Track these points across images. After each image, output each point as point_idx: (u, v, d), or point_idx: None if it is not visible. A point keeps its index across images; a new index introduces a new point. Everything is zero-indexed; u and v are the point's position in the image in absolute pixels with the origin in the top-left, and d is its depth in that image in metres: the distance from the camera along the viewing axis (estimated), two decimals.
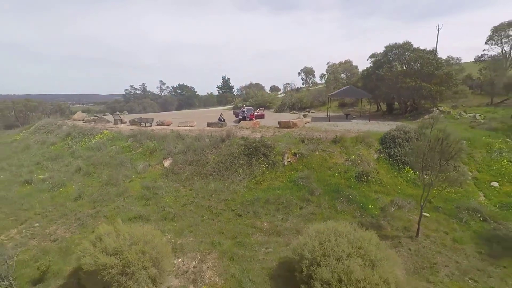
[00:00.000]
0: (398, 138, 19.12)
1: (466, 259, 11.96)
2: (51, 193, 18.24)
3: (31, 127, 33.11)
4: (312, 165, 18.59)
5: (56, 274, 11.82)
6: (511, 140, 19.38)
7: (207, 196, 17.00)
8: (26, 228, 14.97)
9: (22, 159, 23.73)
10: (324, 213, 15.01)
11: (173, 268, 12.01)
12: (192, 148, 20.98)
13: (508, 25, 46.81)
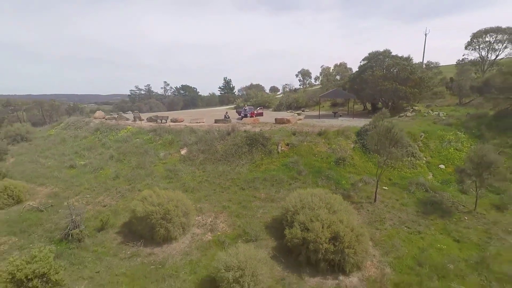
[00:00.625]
0: (369, 131, 23.56)
1: (406, 215, 16.46)
2: (94, 174, 22.83)
3: (60, 124, 37.68)
4: (300, 152, 23.07)
5: (112, 225, 16.37)
6: (461, 133, 23.85)
7: (217, 176, 21.51)
8: (81, 198, 19.52)
9: (62, 150, 28.31)
10: (307, 187, 19.45)
11: (195, 222, 16.55)
12: (203, 140, 25.50)
13: (485, 32, 51.22)
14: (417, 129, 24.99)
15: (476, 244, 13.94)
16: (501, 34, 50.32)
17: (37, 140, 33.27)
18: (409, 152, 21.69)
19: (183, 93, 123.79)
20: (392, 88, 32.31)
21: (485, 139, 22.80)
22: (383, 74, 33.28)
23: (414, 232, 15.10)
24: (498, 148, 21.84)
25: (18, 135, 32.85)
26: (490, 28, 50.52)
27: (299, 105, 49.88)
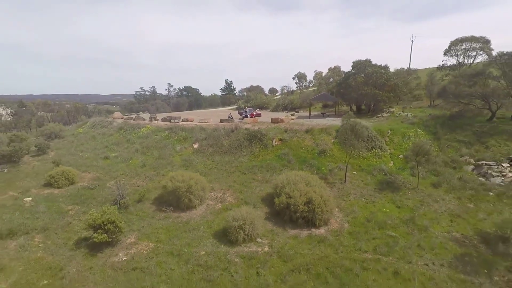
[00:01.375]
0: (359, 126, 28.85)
1: (366, 191, 21.84)
2: (125, 164, 28.25)
3: (86, 123, 43.16)
4: (290, 146, 28.43)
5: (147, 198, 21.79)
6: (420, 130, 29.19)
7: (223, 164, 26.91)
8: (118, 181, 24.92)
9: (93, 145, 33.76)
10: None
11: (209, 196, 21.94)
12: (212, 136, 30.89)
13: (461, 40, 56.49)
14: (386, 127, 30.33)
15: (411, 209, 19.32)
16: (475, 43, 55.67)
17: (68, 137, 38.74)
18: (377, 145, 27.04)
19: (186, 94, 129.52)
20: (371, 93, 37.62)
21: (439, 136, 28.20)
22: (364, 81, 38.55)
23: (369, 201, 20.49)
24: (447, 142, 27.27)
25: (52, 133, 38.28)
26: (465, 37, 55.79)
27: (294, 106, 55.18)
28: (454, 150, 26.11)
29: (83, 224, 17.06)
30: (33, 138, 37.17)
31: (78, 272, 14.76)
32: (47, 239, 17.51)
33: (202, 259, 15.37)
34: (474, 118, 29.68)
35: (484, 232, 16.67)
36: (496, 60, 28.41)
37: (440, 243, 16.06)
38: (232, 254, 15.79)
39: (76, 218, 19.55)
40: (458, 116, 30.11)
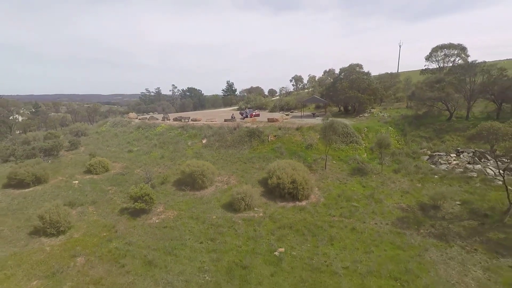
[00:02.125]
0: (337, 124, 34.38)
1: (341, 175, 27.40)
2: (146, 156, 33.90)
3: (106, 122, 48.86)
4: (283, 141, 34.00)
5: (168, 181, 27.41)
6: (391, 128, 34.74)
7: (228, 156, 32.52)
8: (146, 167, 30.55)
9: (117, 141, 39.44)
10: None
11: (217, 180, 27.54)
12: (218, 133, 36.50)
13: (441, 47, 61.95)
14: (364, 125, 35.90)
15: (373, 188, 24.91)
16: (453, 49, 61.13)
17: (93, 135, 44.44)
18: (354, 140, 32.61)
19: (189, 94, 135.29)
20: (355, 96, 43.11)
21: (406, 132, 33.76)
22: (349, 85, 44.04)
23: (342, 183, 26.09)
24: (412, 137, 32.82)
25: (79, 131, 43.96)
26: (444, 44, 61.25)
27: (289, 107, 60.67)
28: (416, 144, 31.66)
29: (125, 197, 22.73)
30: (62, 136, 42.79)
31: (125, 228, 20.44)
32: (98, 209, 23.21)
33: (214, 221, 21.03)
34: (436, 118, 35.19)
35: (422, 202, 22.26)
36: (452, 70, 33.83)
37: (389, 210, 21.68)
38: (236, 218, 21.43)
39: (115, 195, 25.24)
40: (424, 116, 35.66)
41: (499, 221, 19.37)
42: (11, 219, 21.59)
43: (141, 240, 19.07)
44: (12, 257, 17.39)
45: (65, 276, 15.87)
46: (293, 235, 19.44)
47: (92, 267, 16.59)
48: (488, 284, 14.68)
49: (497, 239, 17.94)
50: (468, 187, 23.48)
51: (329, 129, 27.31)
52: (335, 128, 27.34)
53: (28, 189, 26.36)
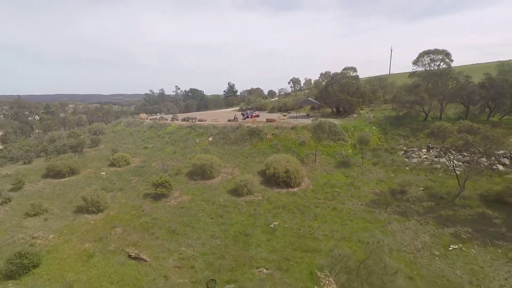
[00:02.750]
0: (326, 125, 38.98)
1: (328, 168, 32.04)
2: (160, 151, 38.56)
3: (120, 122, 53.49)
4: (279, 138, 38.60)
5: (181, 173, 32.07)
6: (375, 127, 39.33)
7: (231, 152, 37.15)
8: (159, 162, 35.21)
9: (132, 139, 44.08)
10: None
11: (223, 171, 32.20)
12: (222, 132, 41.12)
13: (427, 53, 66.26)
14: (351, 124, 40.51)
15: (353, 177, 29.52)
16: (438, 55, 65.56)
17: (109, 134, 49.11)
18: (341, 138, 37.22)
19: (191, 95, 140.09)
20: (345, 98, 47.71)
21: (386, 131, 38.36)
22: (340, 89, 48.64)
23: (328, 173, 30.73)
24: (391, 135, 37.40)
25: (97, 130, 48.62)
26: (430, 50, 65.20)
27: (287, 108, 65.24)
28: (395, 141, 36.25)
29: (147, 185, 27.42)
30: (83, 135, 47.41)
31: (150, 208, 25.12)
32: (125, 194, 27.90)
33: (221, 203, 25.70)
34: (414, 118, 39.77)
35: (393, 188, 26.89)
36: (427, 77, 38.44)
37: (364, 195, 26.32)
38: (239, 200, 26.09)
39: (138, 184, 29.91)
40: (404, 116, 40.26)
41: (451, 202, 24.02)
42: (57, 201, 26.29)
43: (164, 217, 23.77)
44: (66, 227, 22.10)
45: (109, 240, 20.57)
46: (285, 213, 24.11)
47: (129, 235, 21.29)
48: (430, 245, 19.37)
49: (447, 215, 22.59)
50: (432, 176, 28.13)
51: (318, 128, 31.96)
52: (323, 128, 31.99)
53: (64, 178, 31.06)
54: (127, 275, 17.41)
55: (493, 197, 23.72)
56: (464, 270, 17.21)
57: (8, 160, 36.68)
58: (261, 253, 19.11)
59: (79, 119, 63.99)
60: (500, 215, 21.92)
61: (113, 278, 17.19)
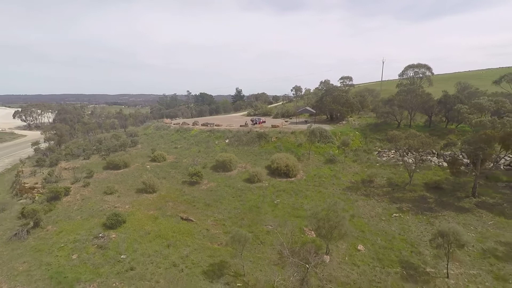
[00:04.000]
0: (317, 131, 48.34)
1: (318, 164, 41.40)
2: (188, 151, 48.30)
3: (150, 126, 63.41)
4: (282, 141, 48.02)
5: (206, 167, 41.72)
6: (358, 132, 48.47)
7: (244, 151, 46.71)
8: (189, 159, 44.87)
9: (163, 141, 53.91)
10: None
11: (238, 166, 41.77)
12: (236, 135, 50.69)
13: (411, 66, 75.30)
14: (339, 130, 49.72)
15: (336, 170, 38.83)
16: (421, 68, 74.44)
17: (142, 136, 59.04)
18: (330, 141, 46.44)
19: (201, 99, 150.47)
20: (336, 108, 56.95)
21: (366, 135, 47.53)
22: (332, 100, 57.90)
23: (318, 168, 40.06)
24: (370, 139, 46.55)
25: (133, 133, 58.57)
26: (413, 64, 74.68)
27: (289, 114, 74.51)
28: (372, 144, 45.39)
29: (182, 175, 37.14)
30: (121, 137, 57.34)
31: (188, 191, 34.78)
32: (168, 181, 37.62)
33: (239, 187, 35.23)
34: (389, 125, 48.81)
35: (364, 179, 36.13)
36: (398, 93, 47.48)
37: (342, 183, 35.61)
38: (252, 186, 35.57)
39: (176, 174, 39.62)
40: (381, 124, 49.37)
41: (403, 188, 33.26)
42: (121, 185, 36.15)
43: (200, 196, 33.42)
44: (134, 201, 31.91)
45: (165, 209, 30.27)
46: (285, 194, 33.55)
47: (178, 206, 30.99)
48: (380, 214, 28.67)
49: (397, 196, 31.82)
50: (394, 170, 37.34)
51: (311, 134, 41.36)
52: (315, 133, 41.39)
53: (120, 170, 40.95)
54: (182, 228, 27.10)
55: (433, 184, 32.97)
56: (397, 227, 26.52)
57: (72, 157, 46.75)
58: (268, 218, 28.64)
59: (112, 123, 74.16)
60: (434, 196, 31.17)
61: (174, 230, 26.88)
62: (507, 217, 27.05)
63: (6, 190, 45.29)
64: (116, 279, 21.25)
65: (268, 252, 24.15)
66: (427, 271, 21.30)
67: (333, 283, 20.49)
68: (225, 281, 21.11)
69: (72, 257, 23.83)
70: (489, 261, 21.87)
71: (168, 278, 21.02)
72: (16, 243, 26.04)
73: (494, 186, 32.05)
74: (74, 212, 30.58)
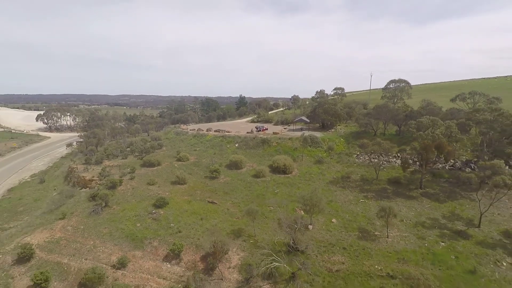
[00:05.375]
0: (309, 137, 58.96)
1: (310, 164, 52.00)
2: (205, 153, 58.90)
3: (170, 131, 74.01)
4: (281, 145, 58.59)
5: (221, 165, 52.38)
6: (342, 139, 59.04)
7: (251, 154, 57.32)
8: (207, 159, 55.48)
9: (183, 145, 64.53)
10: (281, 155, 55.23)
11: (246, 165, 52.41)
12: (244, 140, 61.30)
13: (393, 81, 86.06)
14: (328, 137, 60.30)
15: (323, 169, 49.36)
16: (402, 83, 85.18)
17: (164, 140, 69.66)
18: (319, 146, 57.04)
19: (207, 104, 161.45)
20: (326, 118, 67.62)
21: (349, 141, 58.14)
22: (323, 111, 68.55)
23: (309, 167, 50.62)
24: (351, 145, 57.15)
25: (157, 137, 69.11)
26: (395, 80, 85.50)
27: (288, 122, 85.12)
28: (353, 148, 55.97)
29: (204, 172, 47.82)
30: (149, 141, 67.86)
31: (210, 183, 45.38)
32: (193, 176, 48.22)
33: (248, 181, 45.83)
34: (368, 134, 59.38)
35: (343, 175, 46.69)
36: (374, 108, 58.08)
37: (326, 178, 46.17)
38: (258, 180, 46.14)
39: (198, 171, 50.22)
40: (361, 132, 59.97)
41: (371, 182, 43.86)
42: (158, 179, 46.74)
43: (219, 187, 44.01)
44: (171, 190, 42.57)
45: (195, 196, 40.90)
46: (283, 186, 44.12)
47: (204, 194, 41.61)
48: (351, 200, 39.26)
49: (366, 188, 42.38)
50: (367, 169, 47.90)
51: (304, 140, 51.99)
52: (307, 139, 52.02)
53: (154, 167, 51.58)
54: (209, 208, 37.71)
55: (393, 180, 43.51)
56: (361, 209, 37.08)
57: (112, 157, 57.37)
58: (270, 201, 39.23)
59: (136, 128, 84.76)
60: (392, 188, 41.75)
61: (204, 209, 37.48)
62: (440, 202, 37.64)
63: (61, 183, 56.12)
64: (171, 237, 31.86)
65: (270, 223, 34.72)
66: (376, 234, 31.86)
67: (313, 241, 31.02)
68: (242, 239, 31.68)
69: (137, 225, 34.44)
70: (417, 229, 32.42)
71: (205, 237, 31.60)
72: (95, 217, 36.63)
73: (437, 181, 42.66)
74: (129, 197, 41.22)
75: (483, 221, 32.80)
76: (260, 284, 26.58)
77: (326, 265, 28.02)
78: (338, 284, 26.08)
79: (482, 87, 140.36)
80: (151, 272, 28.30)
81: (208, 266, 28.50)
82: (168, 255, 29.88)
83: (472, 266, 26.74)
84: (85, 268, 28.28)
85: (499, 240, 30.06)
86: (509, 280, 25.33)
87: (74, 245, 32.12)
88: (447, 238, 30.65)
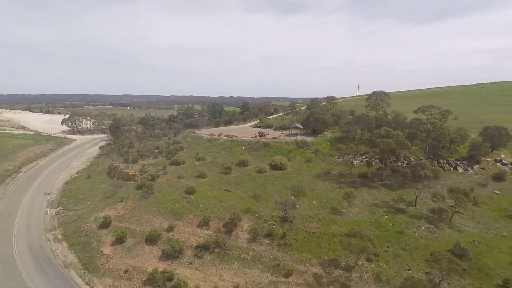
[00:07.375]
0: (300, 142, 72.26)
1: (301, 162, 65.34)
2: (219, 153, 72.37)
3: (187, 136, 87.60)
4: (279, 148, 71.89)
5: (232, 164, 65.87)
6: (327, 142, 72.23)
7: (255, 155, 70.73)
8: (221, 159, 68.95)
9: (201, 148, 78.02)
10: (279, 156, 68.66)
11: (251, 163, 65.86)
12: (249, 144, 74.68)
13: (375, 93, 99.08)
14: (317, 141, 73.55)
15: (310, 167, 62.68)
16: (383, 96, 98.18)
17: (184, 144, 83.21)
18: (310, 148, 70.28)
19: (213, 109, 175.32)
20: (317, 125, 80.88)
21: (333, 144, 71.43)
22: (314, 119, 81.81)
23: (300, 165, 63.94)
24: (335, 147, 70.48)
25: (177, 141, 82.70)
26: (376, 92, 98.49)
27: (285, 127, 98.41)
28: (336, 150, 69.18)
29: (219, 169, 61.40)
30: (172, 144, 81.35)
31: (225, 177, 58.94)
32: (211, 172, 61.72)
33: (253, 175, 59.33)
34: (349, 139, 72.53)
35: (326, 171, 60.02)
36: (354, 119, 71.29)
37: (313, 173, 59.55)
38: (260, 175, 59.58)
39: (214, 168, 63.74)
40: (344, 137, 73.21)
41: (345, 176, 57.20)
42: (185, 173, 60.28)
43: (232, 179, 57.50)
44: (196, 182, 56.18)
45: (214, 186, 54.47)
46: (280, 179, 57.53)
47: (220, 184, 55.14)
48: (330, 188, 52.70)
49: (341, 180, 55.72)
50: (344, 167, 61.12)
51: (297, 144, 65.40)
52: (299, 144, 65.44)
53: (180, 165, 65.12)
54: (226, 194, 51.26)
55: (362, 174, 56.78)
56: (335, 194, 50.47)
57: (145, 157, 70.96)
58: (270, 190, 52.69)
59: (158, 133, 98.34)
60: (360, 180, 55.09)
61: (222, 195, 51.01)
62: (393, 190, 50.90)
63: (106, 177, 69.94)
64: (201, 213, 45.41)
65: (270, 203, 48.11)
66: (342, 211, 45.21)
67: (298, 215, 44.37)
68: (250, 214, 45.16)
69: (176, 205, 48.02)
70: (372, 208, 45.75)
71: (225, 212, 45.03)
72: (144, 200, 50.20)
73: (395, 175, 55.88)
74: (166, 186, 54.80)
75: (420, 203, 46.09)
76: (262, 240, 40.09)
77: (306, 229, 41.48)
78: (313, 240, 39.54)
79: (459, 94, 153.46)
80: (191, 233, 41.90)
81: (228, 230, 42.02)
82: (200, 223, 43.44)
83: (401, 229, 40.10)
84: (146, 230, 41.89)
85: (425, 214, 43.36)
86: (423, 237, 38.66)
87: (135, 218, 45.77)
88: (390, 213, 44.00)
